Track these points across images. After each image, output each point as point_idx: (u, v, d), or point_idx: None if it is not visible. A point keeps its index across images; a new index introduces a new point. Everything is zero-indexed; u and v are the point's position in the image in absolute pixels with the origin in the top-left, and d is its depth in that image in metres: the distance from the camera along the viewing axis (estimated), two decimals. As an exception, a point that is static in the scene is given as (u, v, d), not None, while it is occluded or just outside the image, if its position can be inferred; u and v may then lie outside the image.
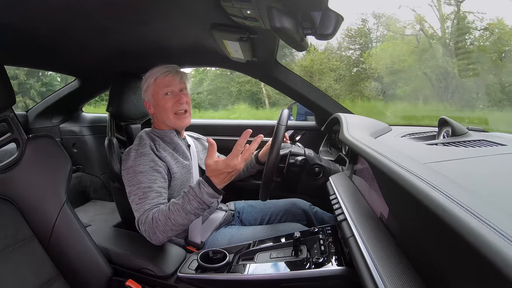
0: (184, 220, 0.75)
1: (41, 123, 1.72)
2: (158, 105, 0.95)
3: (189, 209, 0.74)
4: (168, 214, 0.75)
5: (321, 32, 0.60)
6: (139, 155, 0.87)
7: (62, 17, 0.71)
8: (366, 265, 0.48)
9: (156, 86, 0.94)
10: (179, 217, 0.74)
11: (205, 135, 1.23)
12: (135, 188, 0.83)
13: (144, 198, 0.81)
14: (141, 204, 0.80)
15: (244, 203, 1.16)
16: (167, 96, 0.94)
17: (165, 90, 0.94)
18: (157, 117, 0.99)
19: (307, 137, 1.47)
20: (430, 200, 0.32)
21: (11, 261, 0.64)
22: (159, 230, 0.75)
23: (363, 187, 0.74)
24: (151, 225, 0.76)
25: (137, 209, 0.81)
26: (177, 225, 0.75)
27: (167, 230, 0.75)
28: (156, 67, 0.96)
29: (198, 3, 0.68)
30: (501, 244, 0.23)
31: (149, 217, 0.77)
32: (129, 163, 0.87)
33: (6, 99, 0.67)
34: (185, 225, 0.77)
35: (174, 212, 0.74)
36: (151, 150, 0.89)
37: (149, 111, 1.00)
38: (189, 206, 0.74)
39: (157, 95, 0.95)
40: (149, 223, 0.76)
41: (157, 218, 0.76)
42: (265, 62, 1.16)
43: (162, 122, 0.98)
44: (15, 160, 0.70)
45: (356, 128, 0.80)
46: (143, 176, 0.84)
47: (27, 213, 0.70)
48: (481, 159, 0.50)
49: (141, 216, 0.79)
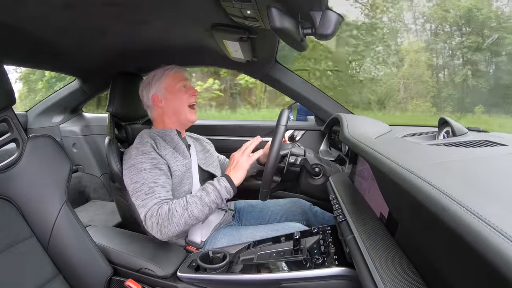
0: (200, 213, 0.79)
1: (41, 123, 1.72)
2: (173, 97, 0.97)
3: (206, 201, 0.79)
4: (185, 206, 0.78)
5: (321, 32, 0.60)
6: (140, 153, 0.87)
7: (62, 17, 0.71)
8: (366, 265, 0.48)
9: (172, 80, 0.98)
10: (196, 209, 0.78)
11: (205, 135, 1.23)
12: (139, 185, 0.83)
13: (151, 193, 0.81)
14: (149, 199, 0.80)
15: (244, 203, 1.16)
16: (183, 89, 0.98)
17: (183, 83, 0.98)
18: (166, 112, 0.99)
19: (307, 137, 1.47)
20: (430, 200, 0.32)
21: (11, 261, 0.64)
22: (174, 222, 0.77)
23: (363, 187, 0.74)
24: (166, 216, 0.77)
25: (144, 204, 0.80)
26: (192, 218, 0.78)
27: (181, 223, 0.77)
28: (160, 68, 0.99)
29: (198, 3, 0.68)
30: (501, 244, 0.23)
31: (163, 209, 0.78)
32: (131, 161, 0.87)
33: (6, 99, 0.67)
34: (198, 220, 0.80)
35: (191, 204, 0.79)
36: (152, 148, 0.89)
37: (159, 105, 0.99)
38: (207, 199, 0.80)
39: (172, 87, 0.97)
40: (164, 215, 0.77)
41: (173, 209, 0.78)
42: (265, 62, 1.16)
43: (170, 116, 0.99)
44: (15, 160, 0.70)
45: (356, 128, 0.80)
46: (147, 173, 0.84)
47: (27, 213, 0.70)
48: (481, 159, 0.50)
49: (150, 209, 0.79)
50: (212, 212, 0.83)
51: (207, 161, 1.07)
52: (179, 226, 0.77)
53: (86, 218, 1.47)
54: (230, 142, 1.55)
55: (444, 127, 0.80)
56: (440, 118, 0.82)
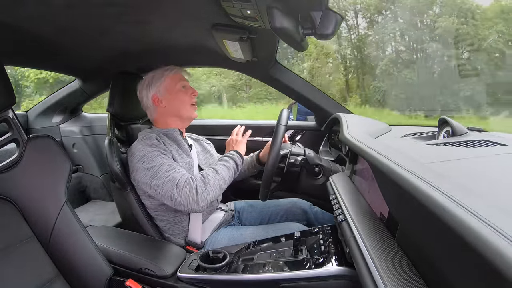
0: (226, 176, 0.89)
1: (41, 123, 1.72)
2: (175, 98, 0.97)
3: (228, 166, 0.91)
4: (215, 170, 0.88)
5: (321, 32, 0.60)
6: (148, 145, 0.88)
7: (62, 17, 0.71)
8: (366, 265, 0.48)
9: (172, 80, 0.98)
10: (223, 171, 0.88)
11: (205, 135, 1.23)
12: (157, 167, 0.84)
13: (172, 169, 0.84)
14: (173, 173, 0.83)
15: (244, 203, 1.16)
16: (183, 89, 0.99)
17: (183, 83, 0.99)
18: (168, 111, 0.98)
19: (307, 137, 1.47)
20: (430, 200, 0.32)
21: (11, 261, 0.64)
22: (210, 184, 0.83)
23: (363, 187, 0.74)
24: (202, 180, 0.83)
25: (171, 178, 0.82)
26: (222, 180, 0.87)
27: (215, 185, 0.84)
28: (159, 68, 0.99)
29: (198, 3, 0.68)
30: (501, 244, 0.23)
31: (196, 176, 0.85)
32: (141, 153, 0.86)
33: (6, 99, 0.67)
34: (226, 183, 0.89)
35: (218, 169, 0.89)
36: (158, 142, 0.90)
37: (159, 105, 0.98)
38: (228, 164, 0.92)
39: (173, 88, 0.97)
40: (200, 179, 0.83)
41: (206, 174, 0.86)
42: (265, 62, 1.16)
43: (172, 116, 0.99)
44: (15, 160, 0.70)
45: (356, 128, 0.80)
46: (161, 158, 0.86)
47: (27, 213, 0.70)
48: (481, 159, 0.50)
49: (181, 178, 0.82)
50: (232, 178, 0.92)
51: (207, 161, 1.07)
52: (215, 189, 0.83)
53: (86, 218, 1.47)
54: None
55: (444, 127, 0.80)
56: (440, 118, 0.82)
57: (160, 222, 0.95)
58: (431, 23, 7.52)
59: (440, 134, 0.80)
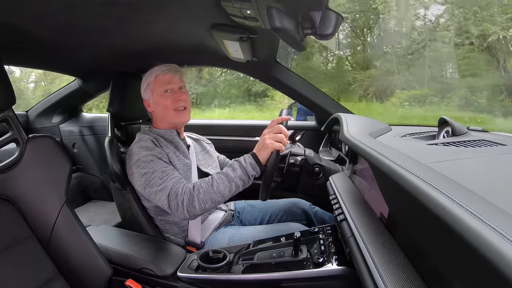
0: (225, 189, 0.77)
1: (41, 123, 1.72)
2: (157, 102, 0.95)
3: (232, 176, 0.78)
4: (211, 182, 0.78)
5: (321, 32, 0.60)
6: (144, 149, 0.87)
7: (62, 17, 0.71)
8: (366, 265, 0.48)
9: (156, 84, 0.95)
10: (222, 184, 0.77)
11: (205, 135, 1.23)
12: (150, 174, 0.82)
13: (165, 176, 0.81)
14: (166, 181, 0.80)
15: (244, 203, 1.16)
16: (166, 93, 0.95)
17: (165, 87, 0.94)
18: (157, 115, 0.98)
19: (307, 137, 1.47)
20: (430, 200, 0.32)
21: (11, 261, 0.64)
22: (199, 199, 0.76)
23: (363, 187, 0.74)
24: (191, 193, 0.77)
25: (163, 188, 0.80)
26: (218, 194, 0.77)
27: (206, 199, 0.76)
28: (156, 66, 0.97)
29: (198, 3, 0.68)
30: (501, 244, 0.23)
31: (187, 187, 0.78)
32: (136, 157, 0.86)
33: (6, 99, 0.67)
34: (224, 197, 0.78)
35: (217, 180, 0.78)
36: (154, 144, 0.89)
37: (148, 109, 1.00)
38: (233, 174, 0.78)
39: (156, 92, 0.95)
40: (189, 192, 0.77)
41: (199, 185, 0.78)
42: (265, 62, 1.16)
43: (162, 120, 0.98)
44: (15, 160, 0.70)
45: (356, 128, 0.80)
46: (155, 163, 0.84)
47: (27, 213, 0.70)
48: (481, 159, 0.50)
49: (172, 189, 0.79)
50: (239, 190, 0.80)
51: (206, 162, 1.07)
52: (204, 203, 0.76)
53: (86, 218, 1.47)
54: (230, 142, 1.55)
55: (444, 127, 0.80)
56: (440, 118, 0.82)
57: (160, 222, 0.95)
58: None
59: (440, 134, 0.80)
